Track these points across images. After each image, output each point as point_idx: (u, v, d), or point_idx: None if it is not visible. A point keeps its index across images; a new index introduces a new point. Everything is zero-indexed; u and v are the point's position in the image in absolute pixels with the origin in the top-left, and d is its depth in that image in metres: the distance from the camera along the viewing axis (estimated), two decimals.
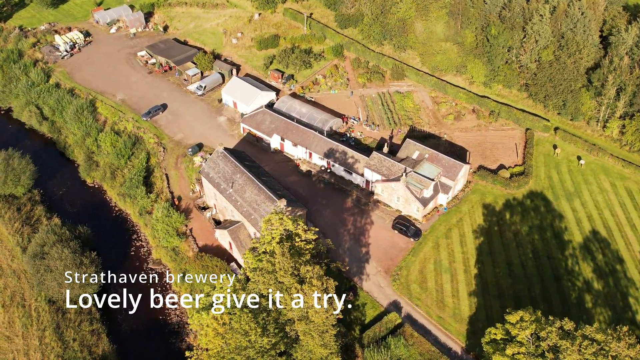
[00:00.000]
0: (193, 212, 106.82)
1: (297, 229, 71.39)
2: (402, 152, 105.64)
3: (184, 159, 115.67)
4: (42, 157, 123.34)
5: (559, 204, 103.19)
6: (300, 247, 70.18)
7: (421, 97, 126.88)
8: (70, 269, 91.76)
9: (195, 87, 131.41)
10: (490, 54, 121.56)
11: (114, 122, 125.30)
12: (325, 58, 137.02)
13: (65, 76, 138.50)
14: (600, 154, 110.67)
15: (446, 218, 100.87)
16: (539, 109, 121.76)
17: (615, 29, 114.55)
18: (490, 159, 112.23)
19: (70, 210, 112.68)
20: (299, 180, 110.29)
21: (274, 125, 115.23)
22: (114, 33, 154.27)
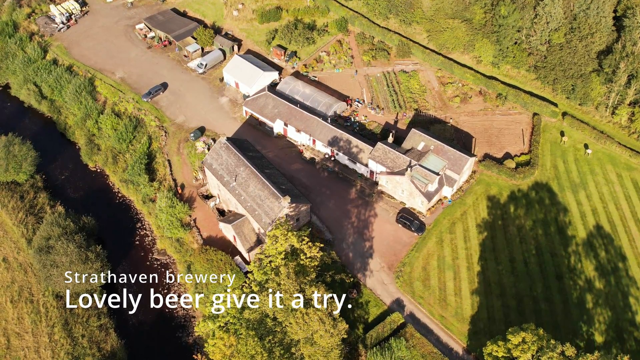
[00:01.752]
0: (196, 201, 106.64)
1: (301, 244, 71.26)
2: (407, 143, 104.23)
3: (186, 144, 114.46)
4: (42, 139, 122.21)
5: (563, 196, 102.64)
6: (305, 265, 70.29)
7: (427, 77, 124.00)
8: (76, 265, 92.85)
9: (196, 65, 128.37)
10: (499, 34, 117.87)
11: (114, 102, 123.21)
12: (329, 33, 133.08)
13: (63, 51, 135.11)
14: (607, 142, 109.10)
15: (450, 211, 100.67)
16: (547, 92, 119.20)
17: (630, 11, 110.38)
18: (496, 146, 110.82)
19: (73, 196, 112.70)
20: (303, 168, 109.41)
21: (277, 110, 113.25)
22: (110, 2, 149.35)
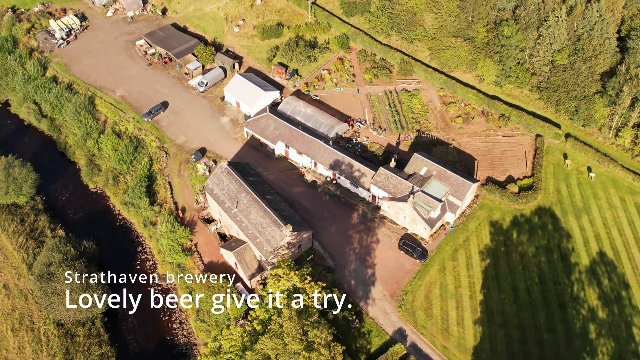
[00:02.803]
0: (197, 225, 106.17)
1: (304, 284, 70.79)
2: (410, 167, 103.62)
3: (187, 166, 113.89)
4: (42, 159, 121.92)
5: (566, 221, 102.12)
6: (308, 306, 69.88)
7: (429, 97, 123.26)
8: (77, 293, 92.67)
9: (196, 83, 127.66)
10: (502, 54, 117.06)
11: (114, 122, 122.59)
12: (331, 50, 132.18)
13: (63, 68, 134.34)
14: (611, 165, 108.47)
15: (453, 237, 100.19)
16: (550, 112, 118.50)
17: (634, 32, 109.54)
18: (498, 169, 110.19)
19: (74, 218, 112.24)
20: (304, 191, 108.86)
21: (278, 131, 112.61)
22: (110, 16, 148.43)
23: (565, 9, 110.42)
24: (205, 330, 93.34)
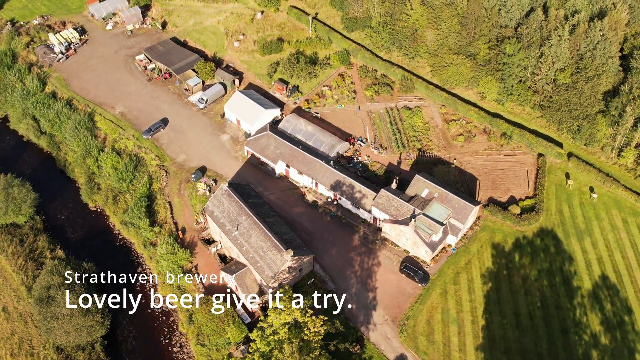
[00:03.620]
0: (198, 246, 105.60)
1: (305, 317, 70.26)
2: (411, 189, 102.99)
3: (187, 185, 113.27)
4: (41, 176, 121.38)
5: (569, 243, 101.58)
6: (310, 340, 69.35)
7: (431, 114, 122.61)
8: (77, 317, 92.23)
9: (196, 100, 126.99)
10: (503, 72, 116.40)
11: (114, 139, 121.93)
12: (332, 65, 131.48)
13: (62, 83, 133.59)
14: (613, 186, 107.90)
15: (454, 260, 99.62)
16: (553, 130, 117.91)
17: (637, 52, 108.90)
18: (501, 189, 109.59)
19: (73, 238, 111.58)
20: (305, 211, 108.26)
21: (279, 150, 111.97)
22: (110, 30, 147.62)
23: (568, 27, 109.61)
24: (205, 354, 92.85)
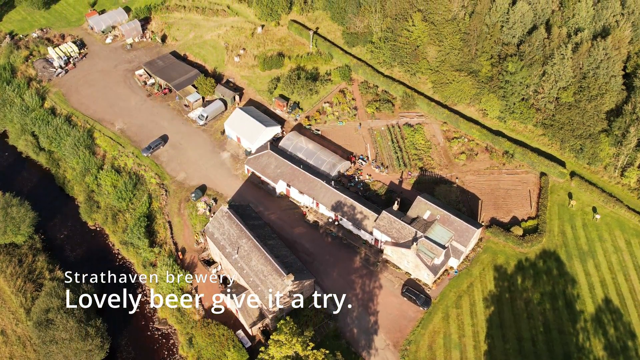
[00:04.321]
0: (198, 267, 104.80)
1: (306, 350, 69.51)
2: (413, 211, 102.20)
3: (187, 204, 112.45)
4: (40, 193, 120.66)
5: (571, 265, 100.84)
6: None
7: (432, 131, 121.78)
8: (76, 342, 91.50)
9: (196, 116, 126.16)
10: (505, 90, 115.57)
11: (113, 156, 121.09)
12: (332, 81, 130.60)
13: (61, 98, 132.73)
14: (616, 206, 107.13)
15: (456, 283, 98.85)
16: (555, 149, 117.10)
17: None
18: (503, 209, 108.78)
19: (73, 258, 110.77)
20: (306, 232, 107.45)
21: (279, 170, 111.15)
22: (109, 43, 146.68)
23: (571, 46, 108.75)
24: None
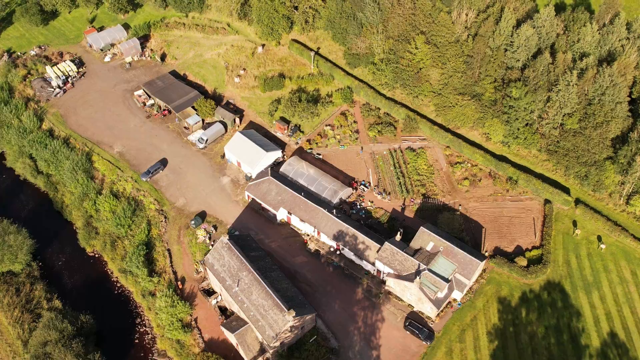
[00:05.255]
0: (197, 297, 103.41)
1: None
2: (416, 242, 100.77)
3: (187, 231, 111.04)
4: (38, 218, 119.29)
5: (576, 297, 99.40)
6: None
7: (435, 155, 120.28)
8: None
9: (196, 139, 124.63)
10: (509, 115, 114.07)
11: (112, 181, 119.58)
12: (334, 103, 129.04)
13: (59, 120, 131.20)
14: (621, 235, 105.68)
15: (460, 316, 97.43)
16: (559, 175, 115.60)
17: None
18: (507, 238, 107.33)
19: (71, 286, 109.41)
20: (307, 261, 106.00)
21: (280, 197, 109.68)
22: (108, 62, 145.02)
23: (576, 72, 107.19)
24: None
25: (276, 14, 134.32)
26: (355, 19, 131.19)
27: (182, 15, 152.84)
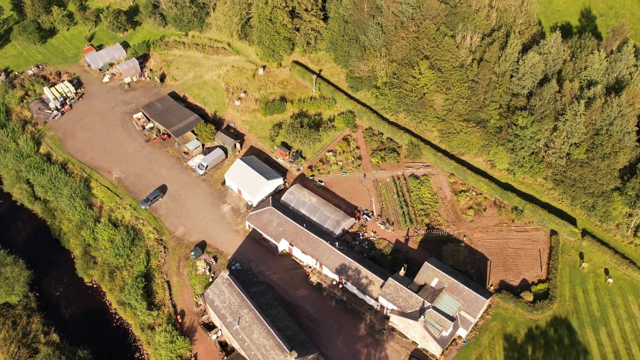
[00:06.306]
0: (197, 332, 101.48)
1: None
2: (420, 277, 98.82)
3: (187, 262, 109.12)
4: (35, 245, 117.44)
5: (583, 334, 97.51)
6: None
7: (439, 183, 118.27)
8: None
9: (196, 165, 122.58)
10: (515, 143, 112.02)
11: (110, 208, 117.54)
12: (336, 128, 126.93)
13: (57, 143, 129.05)
14: (629, 269, 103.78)
15: (465, 354, 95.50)
16: (566, 204, 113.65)
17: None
18: (512, 271, 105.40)
19: (68, 317, 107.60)
20: (309, 295, 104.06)
21: (281, 228, 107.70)
22: (107, 82, 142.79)
23: (584, 102, 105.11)
24: None
25: (277, 35, 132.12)
26: (357, 41, 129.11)
27: (182, 34, 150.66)
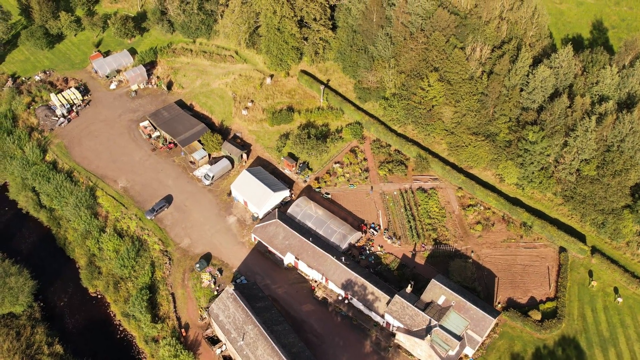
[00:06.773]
0: (202, 346, 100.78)
1: None
2: (427, 295, 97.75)
3: (192, 274, 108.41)
4: (40, 254, 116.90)
5: (592, 354, 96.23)
6: None
7: (447, 197, 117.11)
8: None
9: (202, 175, 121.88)
10: (524, 158, 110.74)
11: (116, 218, 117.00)
12: (343, 139, 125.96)
13: (63, 151, 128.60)
14: (639, 288, 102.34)
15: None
16: (575, 220, 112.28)
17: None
18: (520, 288, 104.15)
19: (72, 328, 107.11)
20: (314, 310, 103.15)
21: (287, 241, 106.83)
22: (114, 89, 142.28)
23: (595, 118, 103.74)
24: None
25: (285, 45, 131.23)
26: (366, 52, 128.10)
27: (190, 41, 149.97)
